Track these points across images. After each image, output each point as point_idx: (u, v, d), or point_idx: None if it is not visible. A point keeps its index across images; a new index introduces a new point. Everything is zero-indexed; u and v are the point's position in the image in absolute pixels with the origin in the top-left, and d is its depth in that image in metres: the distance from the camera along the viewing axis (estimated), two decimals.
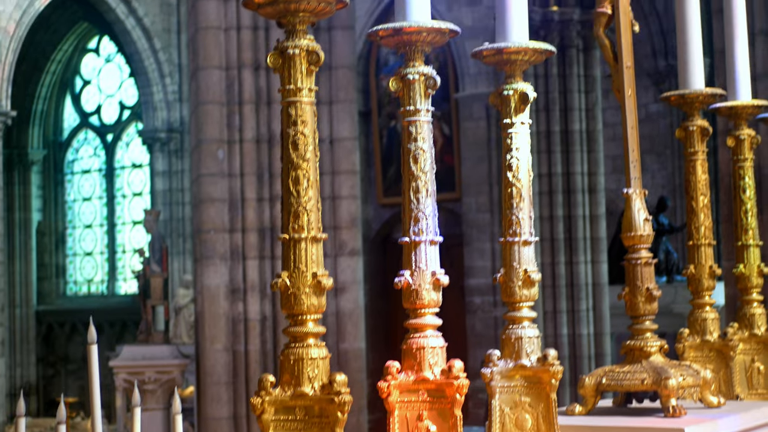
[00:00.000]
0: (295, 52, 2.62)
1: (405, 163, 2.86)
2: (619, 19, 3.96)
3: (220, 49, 11.55)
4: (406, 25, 2.83)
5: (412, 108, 2.85)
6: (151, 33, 25.24)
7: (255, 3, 2.60)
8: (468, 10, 22.78)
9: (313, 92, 2.65)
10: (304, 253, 2.64)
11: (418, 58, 2.88)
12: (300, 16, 2.62)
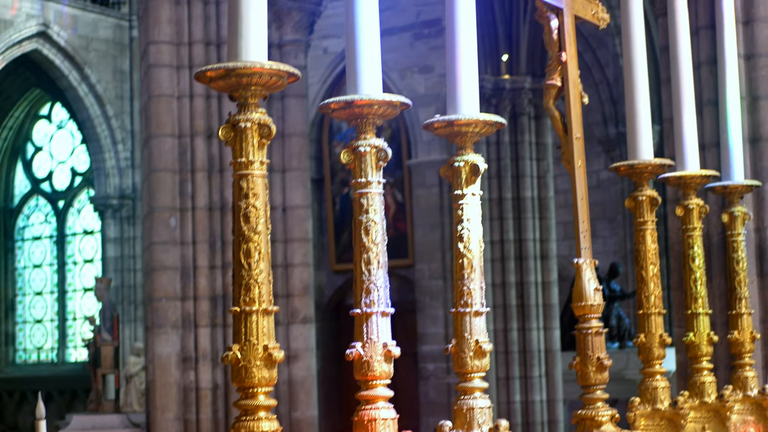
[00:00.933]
0: (247, 126, 2.64)
1: (356, 234, 2.87)
2: (568, 91, 4.01)
3: (172, 117, 11.56)
4: (358, 98, 2.85)
5: (363, 180, 2.87)
6: (103, 100, 25.22)
7: (207, 77, 2.62)
8: (420, 77, 22.96)
9: (265, 165, 2.66)
10: (256, 325, 2.63)
11: (370, 131, 2.90)
12: (252, 89, 2.63)
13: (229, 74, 2.61)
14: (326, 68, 24.07)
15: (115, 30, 25.54)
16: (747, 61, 9.57)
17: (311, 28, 13.19)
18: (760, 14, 9.60)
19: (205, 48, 11.59)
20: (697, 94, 8.19)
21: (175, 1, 11.60)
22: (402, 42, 23.31)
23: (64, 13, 24.81)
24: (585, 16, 4.22)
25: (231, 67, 2.61)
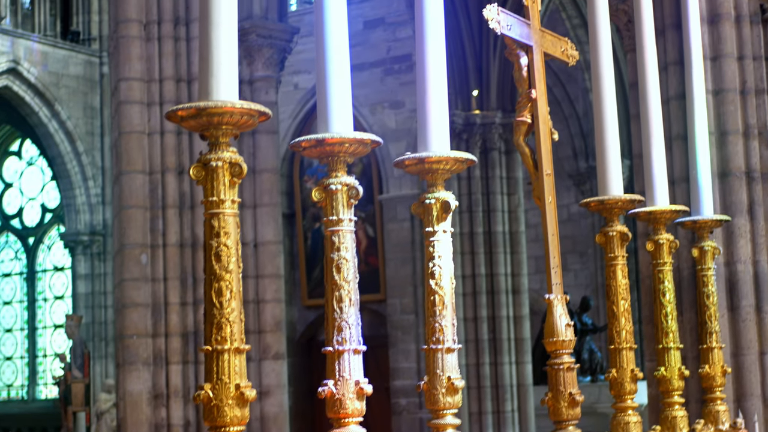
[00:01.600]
0: (218, 165, 2.64)
1: (328, 272, 2.88)
2: (538, 128, 4.03)
3: (143, 154, 11.55)
4: (329, 137, 2.86)
5: (335, 218, 2.87)
6: (74, 136, 25.17)
7: (178, 116, 2.62)
8: (391, 112, 23.03)
9: (236, 203, 2.67)
10: (227, 364, 2.63)
11: (341, 168, 2.91)
12: (223, 128, 2.64)
13: (200, 113, 2.62)
14: (297, 104, 24.13)
15: (85, 66, 25.52)
16: (715, 96, 9.65)
17: (282, 64, 13.22)
18: (728, 50, 9.69)
19: (176, 85, 11.59)
20: (667, 129, 8.25)
21: (146, 38, 11.61)
22: (373, 77, 23.40)
23: (35, 50, 24.78)
24: (554, 53, 4.26)
25: (202, 107, 2.61)
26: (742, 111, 9.69)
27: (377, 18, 24.37)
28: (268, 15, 12.95)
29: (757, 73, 9.78)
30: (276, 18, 13.12)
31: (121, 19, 11.72)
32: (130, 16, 11.66)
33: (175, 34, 11.65)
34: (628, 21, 10.06)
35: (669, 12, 9.65)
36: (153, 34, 11.61)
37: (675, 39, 9.51)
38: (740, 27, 9.73)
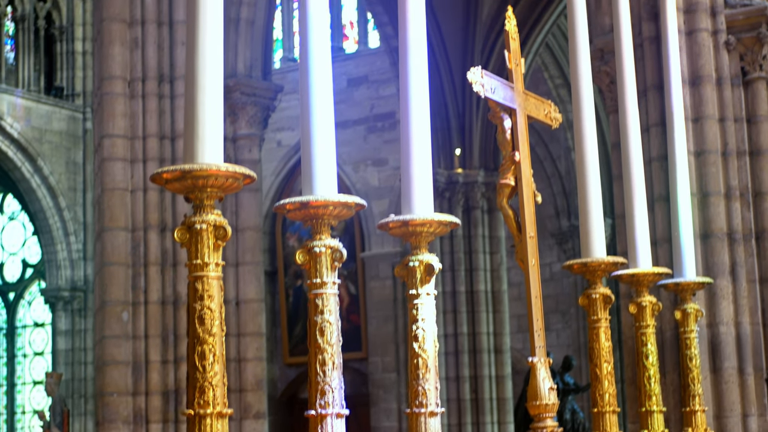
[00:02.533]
0: (203, 227, 2.64)
1: (311, 335, 2.87)
2: (522, 190, 4.04)
3: (126, 210, 11.53)
4: (313, 199, 2.86)
5: (318, 281, 2.87)
6: (56, 191, 25.13)
7: (163, 178, 2.62)
8: (374, 170, 23.08)
9: (220, 266, 2.66)
10: (209, 428, 2.61)
11: (325, 231, 2.91)
12: (208, 191, 2.64)
13: (185, 176, 2.62)
14: (280, 161, 24.18)
15: (69, 122, 25.53)
16: (697, 157, 9.70)
17: (265, 122, 13.25)
18: (709, 112, 9.75)
19: (160, 142, 11.60)
20: (649, 190, 8.28)
21: (130, 95, 11.64)
22: (356, 135, 23.49)
23: (18, 105, 24.79)
24: (538, 116, 4.28)
25: (187, 170, 2.61)
26: (724, 172, 9.73)
27: (361, 76, 24.50)
28: (252, 73, 12.99)
29: (739, 135, 9.83)
30: (260, 76, 13.17)
31: (105, 75, 11.75)
32: (115, 73, 11.68)
33: (160, 91, 11.68)
34: (610, 82, 10.12)
35: (651, 74, 9.72)
36: (137, 91, 11.63)
37: (657, 100, 9.56)
38: (722, 89, 9.80)
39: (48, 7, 25.80)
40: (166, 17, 11.79)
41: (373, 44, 25.43)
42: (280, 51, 26.99)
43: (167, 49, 11.74)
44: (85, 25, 25.50)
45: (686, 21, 9.80)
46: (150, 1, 11.79)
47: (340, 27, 26.54)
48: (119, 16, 11.76)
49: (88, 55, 24.93)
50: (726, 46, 9.86)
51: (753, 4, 9.93)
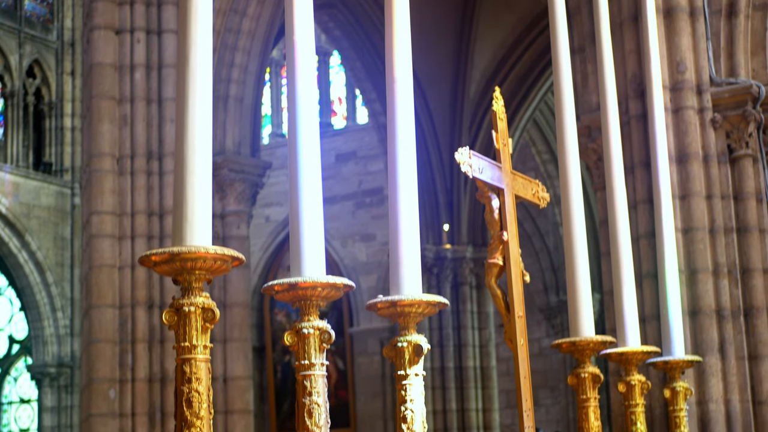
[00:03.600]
0: (191, 310, 2.63)
1: (299, 417, 2.85)
2: (510, 270, 4.04)
3: (113, 288, 11.51)
4: (301, 281, 2.86)
5: (306, 362, 2.86)
6: (43, 267, 25.08)
7: (151, 261, 2.62)
8: (362, 245, 23.10)
9: (208, 348, 2.65)
10: None
11: (313, 312, 2.90)
12: (196, 273, 2.64)
13: (173, 259, 2.62)
14: (268, 236, 24.19)
15: (57, 197, 25.56)
16: (685, 234, 9.72)
17: (254, 198, 13.27)
18: (696, 189, 9.79)
19: (148, 219, 11.61)
20: (637, 267, 8.28)
21: (119, 172, 11.66)
22: (344, 210, 23.54)
23: (6, 181, 24.82)
24: (525, 195, 4.29)
25: (175, 252, 2.61)
26: (712, 249, 9.75)
27: (349, 151, 24.63)
28: (240, 150, 13.04)
29: (726, 212, 9.86)
30: (248, 153, 13.21)
31: (94, 152, 11.78)
32: (104, 149, 11.72)
33: (148, 168, 11.71)
34: (597, 159, 10.17)
35: (638, 151, 9.77)
36: (126, 168, 11.66)
37: (644, 177, 9.60)
38: (708, 166, 9.84)
39: (37, 83, 25.93)
40: (156, 94, 11.86)
41: (362, 120, 25.58)
42: (269, 127, 27.12)
43: (156, 126, 11.79)
44: (74, 101, 25.63)
45: (672, 99, 9.87)
46: (139, 79, 11.86)
47: (329, 103, 26.70)
48: (108, 93, 11.81)
49: (77, 131, 25.03)
50: (712, 124, 9.92)
51: (738, 82, 10.01)
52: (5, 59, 25.26)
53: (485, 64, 20.41)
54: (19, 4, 25.86)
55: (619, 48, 9.85)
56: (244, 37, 13.03)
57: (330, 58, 26.79)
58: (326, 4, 20.23)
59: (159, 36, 12.01)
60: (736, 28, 10.10)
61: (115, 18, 12.02)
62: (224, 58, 12.89)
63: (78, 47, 25.34)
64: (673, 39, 9.94)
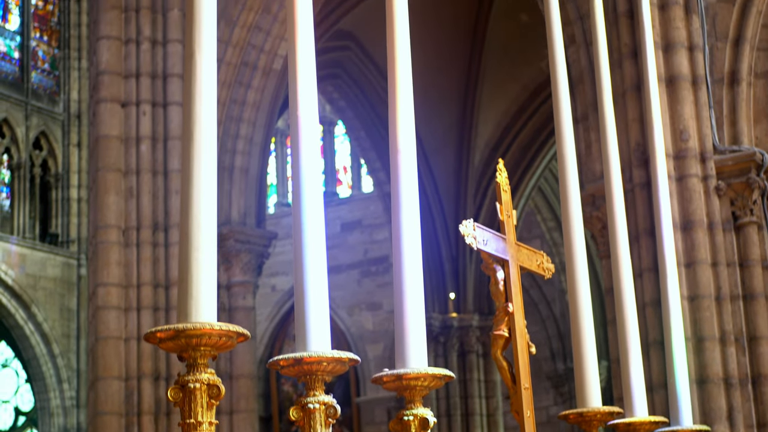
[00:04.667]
0: (196, 386, 2.63)
1: None
2: (516, 341, 4.04)
3: (119, 359, 11.49)
4: (306, 355, 2.85)
5: None
6: (50, 338, 25.04)
7: (156, 337, 2.62)
8: (368, 314, 23.07)
9: (214, 425, 2.65)
10: None
11: (319, 387, 2.89)
12: (201, 350, 2.64)
13: (178, 335, 2.62)
14: (274, 306, 24.17)
15: (63, 268, 25.57)
16: (691, 302, 9.71)
17: (260, 269, 13.28)
18: (702, 257, 9.79)
19: (154, 290, 11.62)
20: (643, 335, 8.28)
21: (125, 244, 11.69)
22: (350, 279, 23.54)
23: (13, 252, 24.85)
24: (530, 267, 4.30)
25: (180, 329, 2.61)
26: (718, 317, 9.73)
27: (355, 220, 24.67)
28: (246, 220, 13.07)
29: (732, 279, 9.85)
30: (254, 223, 13.24)
31: (100, 224, 11.82)
32: (110, 221, 11.75)
33: (154, 239, 11.74)
34: (602, 227, 10.18)
35: (642, 219, 9.78)
36: (132, 240, 11.69)
37: (649, 245, 9.61)
38: (713, 234, 9.85)
39: (44, 155, 26.05)
40: (161, 166, 11.92)
41: (367, 189, 25.65)
42: (275, 196, 27.19)
43: (162, 198, 11.84)
44: (80, 172, 25.73)
45: (676, 167, 9.90)
46: (145, 151, 11.92)
47: (334, 172, 26.80)
48: (114, 165, 11.88)
49: (83, 202, 25.10)
50: (716, 192, 9.95)
51: (741, 149, 10.05)
52: (12, 131, 25.41)
53: (489, 132, 20.51)
54: (26, 76, 26.05)
55: (623, 117, 9.91)
56: (249, 108, 13.12)
57: (335, 128, 26.93)
58: (330, 74, 20.37)
59: (164, 108, 12.10)
60: (739, 96, 10.15)
61: (121, 91, 12.12)
62: (229, 129, 12.97)
63: (84, 119, 25.49)
64: (676, 107, 10.00)
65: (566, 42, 10.59)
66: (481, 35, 20.03)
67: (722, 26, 10.28)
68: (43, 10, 26.92)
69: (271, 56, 13.38)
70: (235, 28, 13.23)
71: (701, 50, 10.22)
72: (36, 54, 26.54)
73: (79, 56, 26.46)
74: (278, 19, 13.29)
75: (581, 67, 10.64)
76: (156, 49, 12.44)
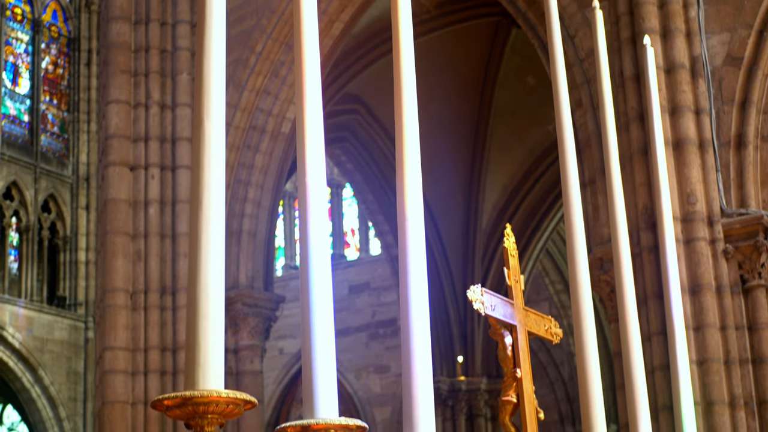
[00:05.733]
0: None
1: None
2: (524, 407, 4.02)
3: (126, 424, 11.46)
4: (314, 422, 2.84)
5: None
6: (57, 401, 24.96)
7: (164, 405, 2.61)
8: (376, 377, 22.98)
9: None
10: None
11: None
12: (209, 417, 2.62)
13: (185, 403, 2.60)
14: (282, 369, 24.09)
15: (70, 331, 25.54)
16: (700, 366, 9.66)
17: (267, 332, 13.26)
18: (710, 321, 9.76)
19: (161, 354, 11.61)
20: (652, 400, 8.23)
21: (132, 307, 11.69)
22: (357, 342, 23.48)
23: (20, 315, 24.84)
24: (538, 332, 4.28)
25: (188, 396, 2.60)
26: (727, 381, 9.68)
27: (362, 283, 24.64)
28: (253, 284, 13.07)
29: (740, 343, 9.81)
30: (262, 287, 13.23)
31: (108, 288, 11.82)
32: (117, 285, 11.76)
33: (162, 303, 11.74)
34: (610, 291, 10.16)
35: (651, 282, 9.76)
36: (139, 304, 11.69)
37: (657, 309, 9.58)
38: (722, 297, 9.83)
39: (52, 217, 26.11)
40: (169, 230, 11.94)
41: (375, 251, 25.65)
42: (282, 259, 27.20)
43: (170, 261, 11.85)
44: (88, 235, 25.78)
45: (684, 230, 9.90)
46: (153, 214, 11.95)
47: (342, 234, 26.82)
48: (122, 229, 11.90)
49: (91, 265, 25.13)
50: (724, 255, 9.93)
51: (749, 212, 10.05)
52: (21, 194, 25.49)
53: (497, 195, 20.54)
54: (35, 139, 26.17)
55: (630, 180, 9.92)
56: (257, 172, 13.16)
57: (343, 191, 26.99)
58: (338, 138, 20.45)
59: (173, 172, 12.15)
60: (745, 159, 10.17)
61: (130, 154, 12.18)
62: (238, 193, 13.01)
63: (93, 182, 25.59)
64: (683, 171, 10.01)
65: (573, 105, 10.63)
66: (488, 98, 20.12)
67: (728, 90, 10.32)
68: (53, 74, 27.10)
69: (279, 119, 13.44)
70: (244, 91, 13.31)
71: (708, 114, 10.25)
72: (45, 117, 26.69)
73: (89, 119, 26.61)
74: (286, 82, 13.36)
75: (588, 131, 10.67)
76: (165, 112, 12.52)
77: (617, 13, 10.58)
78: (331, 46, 13.99)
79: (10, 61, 26.32)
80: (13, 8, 26.57)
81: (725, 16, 10.43)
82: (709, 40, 10.42)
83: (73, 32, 27.51)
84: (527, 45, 15.33)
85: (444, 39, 18.54)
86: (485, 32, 19.12)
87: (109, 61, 13.05)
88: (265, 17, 13.46)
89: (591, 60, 10.27)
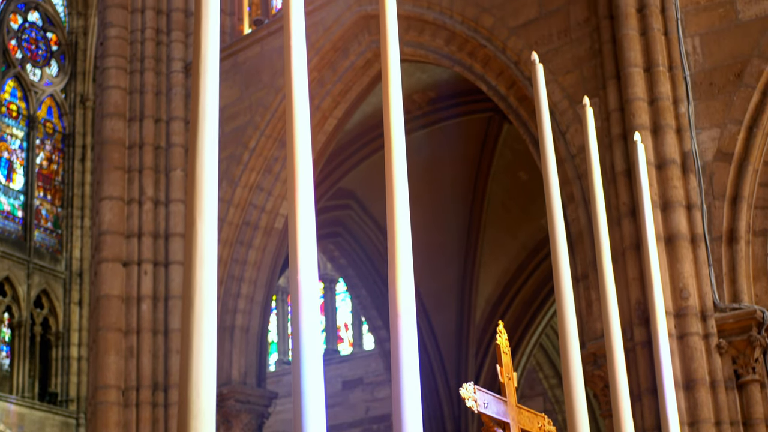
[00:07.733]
0: None
1: None
2: None
3: None
4: None
5: None
6: None
7: None
8: None
9: None
10: None
11: None
12: None
13: None
14: None
15: (62, 428, 25.36)
16: None
17: (260, 429, 13.16)
18: (704, 416, 9.71)
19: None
20: None
21: (124, 404, 11.62)
22: None
23: (11, 412, 24.67)
24: (531, 429, 4.27)
25: None
26: None
27: (356, 378, 24.53)
28: (246, 380, 13.00)
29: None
30: (255, 383, 13.16)
31: (99, 384, 11.76)
32: (109, 381, 11.70)
33: (154, 399, 11.68)
34: (604, 386, 10.12)
35: (644, 377, 9.73)
36: (131, 400, 11.63)
37: (652, 404, 9.54)
38: (716, 393, 9.78)
39: (45, 313, 26.04)
40: (162, 326, 11.92)
41: (368, 346, 25.56)
42: (276, 354, 27.08)
43: (162, 358, 11.81)
44: (81, 330, 25.71)
45: (677, 325, 9.88)
46: (146, 310, 11.94)
47: (335, 329, 26.74)
48: (115, 325, 11.88)
49: (83, 361, 25.03)
50: (718, 350, 9.90)
51: (742, 307, 10.04)
52: (14, 290, 25.45)
53: (490, 289, 20.52)
54: (28, 235, 26.20)
55: (622, 275, 9.93)
56: (250, 267, 13.16)
57: (336, 285, 26.97)
58: (331, 233, 20.49)
59: (166, 267, 12.15)
60: (738, 254, 10.18)
61: (123, 250, 12.19)
62: (230, 288, 13.00)
63: (86, 277, 25.57)
64: (675, 266, 10.02)
65: (565, 200, 10.67)
66: (480, 192, 20.19)
67: (719, 185, 10.37)
68: (47, 170, 27.22)
69: (272, 215, 13.48)
70: (237, 187, 13.36)
71: (699, 209, 10.28)
72: (39, 213, 26.75)
73: (82, 215, 26.68)
74: (280, 179, 13.42)
75: (580, 226, 10.70)
76: (158, 208, 12.56)
77: (608, 109, 10.66)
78: (324, 142, 14.08)
79: (4, 156, 26.45)
80: (9, 104, 26.76)
81: (715, 112, 10.51)
82: (699, 136, 10.49)
83: (68, 128, 27.68)
84: (519, 140, 15.44)
85: (436, 134, 18.65)
86: (477, 128, 19.24)
87: (104, 157, 13.11)
88: (258, 114, 13.55)
89: (582, 155, 10.33)
